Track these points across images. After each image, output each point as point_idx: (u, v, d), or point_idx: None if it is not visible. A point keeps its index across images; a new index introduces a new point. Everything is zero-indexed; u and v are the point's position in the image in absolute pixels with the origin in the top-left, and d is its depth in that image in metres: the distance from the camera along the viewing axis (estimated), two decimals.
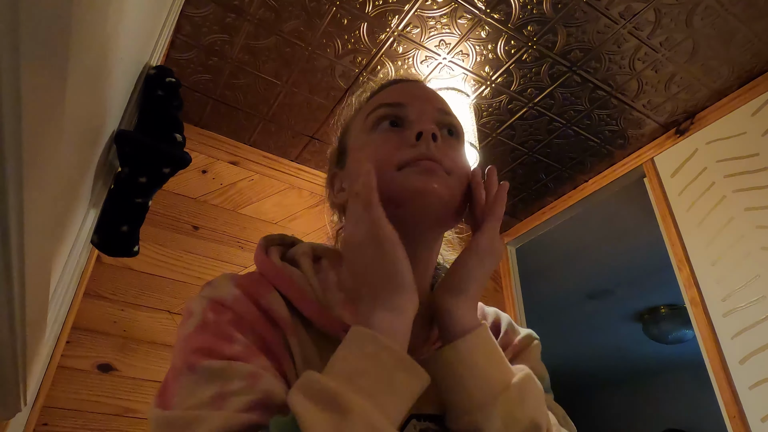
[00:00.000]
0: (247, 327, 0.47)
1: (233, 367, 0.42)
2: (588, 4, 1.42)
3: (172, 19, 1.10)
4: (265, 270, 0.54)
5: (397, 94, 0.59)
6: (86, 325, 1.45)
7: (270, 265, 0.54)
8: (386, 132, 0.56)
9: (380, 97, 0.60)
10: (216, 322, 0.46)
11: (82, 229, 0.73)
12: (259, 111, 1.85)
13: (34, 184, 0.34)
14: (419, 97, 0.58)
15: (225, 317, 0.47)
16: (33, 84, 0.27)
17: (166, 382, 0.45)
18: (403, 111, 0.56)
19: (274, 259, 0.55)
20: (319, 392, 0.39)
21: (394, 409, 0.41)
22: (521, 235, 2.46)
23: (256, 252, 0.57)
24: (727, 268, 1.58)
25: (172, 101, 0.84)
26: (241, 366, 0.42)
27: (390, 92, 0.60)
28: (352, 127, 0.62)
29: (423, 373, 0.44)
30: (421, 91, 0.60)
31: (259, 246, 0.57)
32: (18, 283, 0.41)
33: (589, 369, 4.44)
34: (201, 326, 0.46)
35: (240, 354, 0.44)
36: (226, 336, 0.45)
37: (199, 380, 0.42)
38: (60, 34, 0.29)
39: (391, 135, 0.55)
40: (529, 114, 1.82)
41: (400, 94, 0.59)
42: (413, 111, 0.56)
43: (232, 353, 0.44)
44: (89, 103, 0.50)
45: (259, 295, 0.50)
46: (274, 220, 1.95)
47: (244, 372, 0.42)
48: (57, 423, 1.31)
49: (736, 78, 1.66)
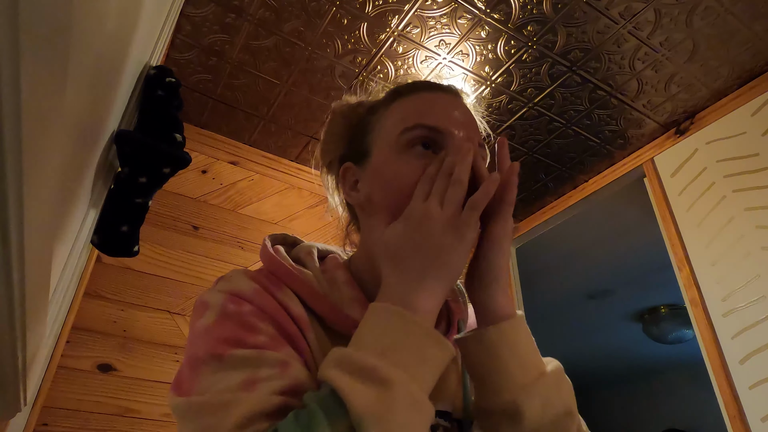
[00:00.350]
0: (269, 318, 0.47)
1: (264, 355, 0.43)
2: (588, 4, 1.42)
3: (172, 19, 1.10)
4: (275, 268, 0.54)
5: (436, 116, 0.56)
6: (86, 325, 1.45)
7: (279, 263, 0.54)
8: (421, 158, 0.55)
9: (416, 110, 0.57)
10: (238, 312, 0.47)
11: (82, 229, 0.73)
12: (259, 111, 1.85)
13: (34, 184, 0.34)
14: (458, 124, 0.56)
15: (246, 308, 0.47)
16: (33, 84, 0.27)
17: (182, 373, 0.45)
18: (440, 137, 0.56)
19: (282, 257, 0.55)
20: (357, 366, 0.40)
21: (427, 380, 0.42)
22: (521, 235, 2.46)
23: (262, 250, 0.57)
24: (727, 268, 1.58)
25: (172, 101, 0.84)
26: (270, 354, 0.43)
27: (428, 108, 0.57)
28: (378, 128, 0.60)
29: (450, 346, 0.45)
30: (459, 114, 0.58)
31: (265, 245, 0.58)
32: (18, 283, 0.41)
33: (589, 369, 4.44)
34: (222, 317, 0.47)
35: (267, 343, 0.44)
36: (250, 326, 0.46)
37: (227, 368, 0.42)
38: (60, 34, 0.29)
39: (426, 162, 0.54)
40: (529, 114, 1.82)
41: (440, 117, 0.56)
42: (450, 140, 0.55)
43: (259, 342, 0.44)
44: (89, 102, 0.50)
45: (274, 290, 0.51)
46: (274, 220, 1.95)
47: (274, 360, 0.43)
48: (57, 423, 1.31)
49: (736, 78, 1.66)
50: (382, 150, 0.58)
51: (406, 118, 0.57)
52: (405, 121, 0.57)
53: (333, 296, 0.54)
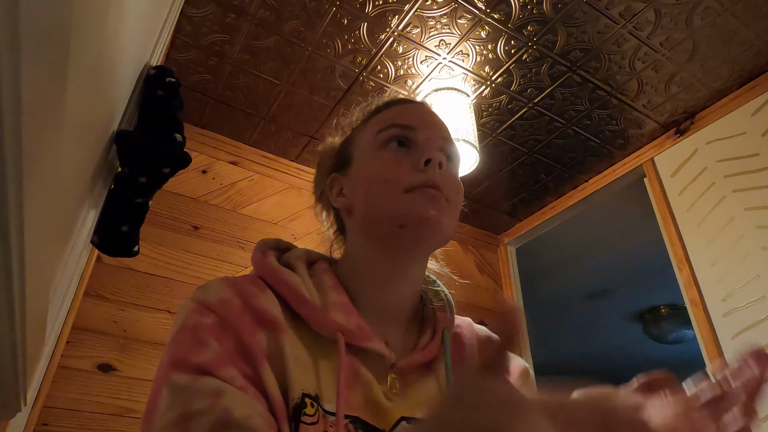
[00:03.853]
0: (230, 331, 0.48)
1: (198, 384, 0.43)
2: (588, 4, 1.42)
3: (172, 19, 1.10)
4: (262, 271, 0.56)
5: (408, 117, 0.61)
6: (86, 325, 1.45)
7: (267, 266, 0.56)
8: (395, 152, 0.59)
9: (391, 115, 0.62)
10: (194, 326, 0.47)
11: (82, 229, 0.73)
12: (259, 111, 1.85)
13: (34, 183, 0.34)
14: (428, 124, 0.61)
15: (206, 320, 0.48)
16: (33, 84, 0.27)
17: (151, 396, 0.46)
18: (413, 134, 0.60)
19: (271, 261, 0.57)
20: None
21: None
22: (521, 235, 2.46)
23: (253, 254, 0.59)
24: (727, 268, 1.58)
25: (172, 101, 0.84)
26: (206, 383, 0.43)
27: (401, 112, 0.63)
28: (359, 139, 0.64)
29: None
30: (430, 117, 0.63)
31: (257, 249, 0.60)
32: (18, 283, 0.41)
33: (589, 369, 4.44)
34: (180, 330, 0.48)
35: (209, 363, 0.44)
36: (199, 341, 0.46)
37: (168, 397, 0.43)
38: (60, 34, 0.29)
39: (400, 156, 0.58)
40: (529, 114, 1.82)
41: (412, 117, 0.61)
42: (422, 135, 0.60)
43: (202, 361, 0.44)
44: (89, 102, 0.50)
45: (253, 294, 0.51)
46: (274, 220, 1.95)
47: (208, 390, 0.43)
48: (57, 423, 1.31)
49: (736, 78, 1.66)
50: (362, 154, 0.62)
51: (381, 122, 0.62)
52: (381, 123, 0.62)
53: (320, 299, 0.55)
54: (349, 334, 0.52)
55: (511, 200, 2.30)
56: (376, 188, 0.57)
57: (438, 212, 0.54)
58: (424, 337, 0.60)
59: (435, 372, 0.58)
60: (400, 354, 0.57)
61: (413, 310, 0.62)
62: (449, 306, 0.65)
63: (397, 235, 0.55)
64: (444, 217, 0.55)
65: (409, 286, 0.60)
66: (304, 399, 0.47)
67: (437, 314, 0.63)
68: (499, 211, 2.38)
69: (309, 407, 0.47)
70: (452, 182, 0.59)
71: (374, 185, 0.57)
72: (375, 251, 0.58)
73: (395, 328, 0.59)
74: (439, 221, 0.54)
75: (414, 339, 0.60)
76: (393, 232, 0.55)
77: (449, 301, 0.65)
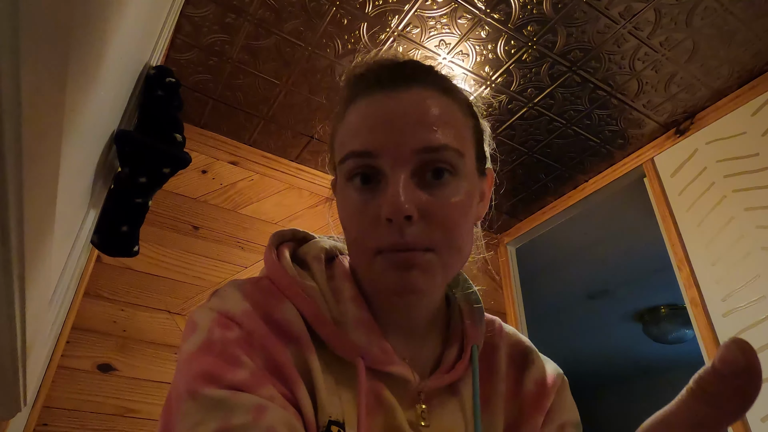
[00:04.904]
0: (257, 346, 0.43)
1: (237, 398, 0.39)
2: (588, 4, 1.42)
3: (172, 19, 1.10)
4: (277, 278, 0.50)
5: (367, 135, 0.47)
6: (86, 325, 1.45)
7: (282, 273, 0.50)
8: (360, 193, 0.47)
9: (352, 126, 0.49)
10: (222, 341, 0.43)
11: (82, 229, 0.73)
12: (259, 111, 1.85)
13: (34, 184, 0.34)
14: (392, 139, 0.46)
15: (232, 334, 0.43)
16: (33, 84, 0.27)
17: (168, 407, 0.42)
18: (375, 162, 0.46)
19: (285, 265, 0.51)
20: None
21: None
22: (521, 235, 2.46)
23: (266, 254, 0.53)
24: (727, 268, 1.58)
25: (172, 101, 0.84)
26: (245, 398, 0.39)
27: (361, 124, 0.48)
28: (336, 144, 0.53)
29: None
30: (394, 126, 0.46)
31: (269, 246, 0.53)
32: (18, 283, 0.41)
33: (589, 369, 4.44)
34: (206, 345, 0.43)
35: (246, 381, 0.40)
36: (233, 359, 0.42)
37: (201, 410, 0.39)
38: (60, 34, 0.29)
39: (365, 199, 0.47)
40: (529, 114, 1.82)
41: (372, 134, 0.46)
42: (386, 161, 0.46)
43: (238, 380, 0.40)
44: (89, 102, 0.50)
45: (271, 307, 0.47)
46: (274, 220, 1.95)
47: (249, 405, 0.38)
48: (57, 423, 1.31)
49: (736, 78, 1.66)
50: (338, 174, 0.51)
51: (342, 145, 0.49)
52: (341, 148, 0.49)
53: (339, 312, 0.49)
54: (371, 358, 0.48)
55: (511, 200, 2.30)
56: (350, 238, 0.49)
57: (412, 278, 0.44)
58: (450, 353, 0.53)
59: (459, 393, 0.52)
60: (424, 371, 0.52)
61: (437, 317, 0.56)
62: (479, 314, 0.57)
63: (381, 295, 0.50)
64: (421, 281, 0.45)
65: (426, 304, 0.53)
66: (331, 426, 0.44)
67: (465, 323, 0.56)
68: (499, 211, 2.38)
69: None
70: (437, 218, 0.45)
71: (349, 234, 0.49)
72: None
73: (417, 341, 0.53)
74: (415, 289, 0.45)
75: (436, 352, 0.54)
76: (383, 302, 0.51)
77: (480, 309, 0.57)
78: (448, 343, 0.55)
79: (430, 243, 0.45)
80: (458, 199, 0.47)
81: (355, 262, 0.50)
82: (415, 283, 0.45)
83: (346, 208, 0.49)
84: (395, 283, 0.45)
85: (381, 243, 0.45)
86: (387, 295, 0.48)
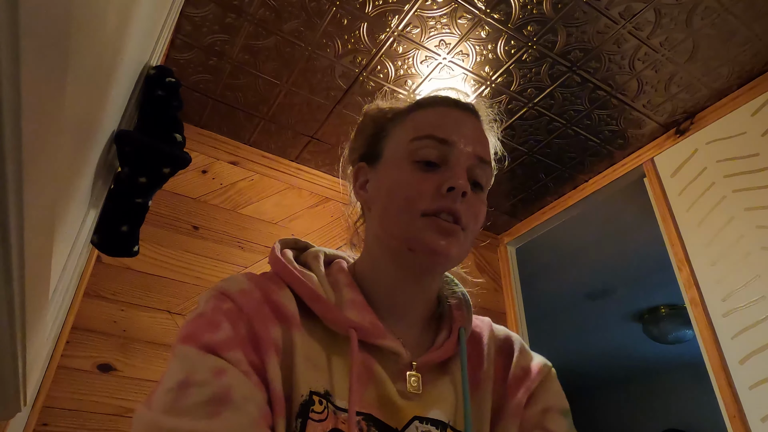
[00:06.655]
0: (244, 317, 0.49)
1: (202, 358, 0.44)
2: (588, 4, 1.42)
3: (172, 19, 1.10)
4: (279, 270, 0.57)
5: (447, 128, 0.58)
6: (86, 325, 1.45)
7: (283, 265, 0.57)
8: (423, 171, 0.56)
9: (430, 121, 0.59)
10: (213, 310, 0.49)
11: (82, 229, 0.73)
12: (259, 111, 1.85)
13: (34, 184, 0.34)
14: (467, 140, 0.58)
15: (224, 305, 0.49)
16: (33, 84, 0.27)
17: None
18: (447, 150, 0.57)
19: (287, 259, 0.58)
20: None
21: None
22: (521, 235, 2.46)
23: (271, 254, 0.60)
24: (727, 268, 1.58)
25: (172, 101, 0.84)
26: (211, 358, 0.44)
27: (441, 119, 0.59)
28: (393, 134, 0.62)
29: None
30: (470, 131, 0.59)
31: (275, 248, 0.60)
32: (18, 283, 0.41)
33: (589, 369, 4.44)
34: (197, 315, 0.49)
35: (219, 343, 0.45)
36: (214, 324, 0.47)
37: (175, 362, 0.45)
38: (60, 34, 0.29)
39: (428, 174, 0.56)
40: (529, 114, 1.82)
41: (451, 129, 0.58)
42: (455, 154, 0.56)
43: (212, 341, 0.45)
44: (89, 103, 0.50)
45: (271, 290, 0.53)
46: (274, 220, 1.95)
47: (212, 365, 0.44)
48: (57, 423, 1.31)
49: (736, 78, 1.66)
50: (392, 155, 0.60)
51: (418, 128, 0.59)
52: (417, 130, 0.59)
53: (335, 297, 0.56)
54: (363, 331, 0.52)
55: (511, 200, 2.30)
56: (395, 202, 0.56)
57: (448, 244, 0.53)
58: (441, 335, 0.60)
59: (450, 372, 0.57)
60: (416, 353, 0.57)
61: (430, 310, 0.62)
62: (466, 305, 0.64)
63: (406, 256, 0.55)
64: (454, 248, 0.54)
65: (423, 292, 0.60)
66: (312, 396, 0.48)
67: (454, 313, 0.62)
68: (499, 211, 2.38)
69: (317, 404, 0.47)
70: (474, 209, 0.56)
71: (394, 198, 0.56)
72: (386, 258, 0.58)
73: (411, 327, 0.59)
74: (448, 254, 0.53)
75: (431, 338, 0.60)
76: (402, 251, 0.55)
77: (467, 300, 0.65)
78: (439, 328, 0.61)
79: (466, 223, 0.55)
80: (483, 207, 0.59)
81: (394, 222, 0.56)
82: (450, 248, 0.53)
83: (402, 177, 0.56)
84: (434, 242, 0.53)
85: (432, 207, 0.53)
86: (420, 252, 0.54)
